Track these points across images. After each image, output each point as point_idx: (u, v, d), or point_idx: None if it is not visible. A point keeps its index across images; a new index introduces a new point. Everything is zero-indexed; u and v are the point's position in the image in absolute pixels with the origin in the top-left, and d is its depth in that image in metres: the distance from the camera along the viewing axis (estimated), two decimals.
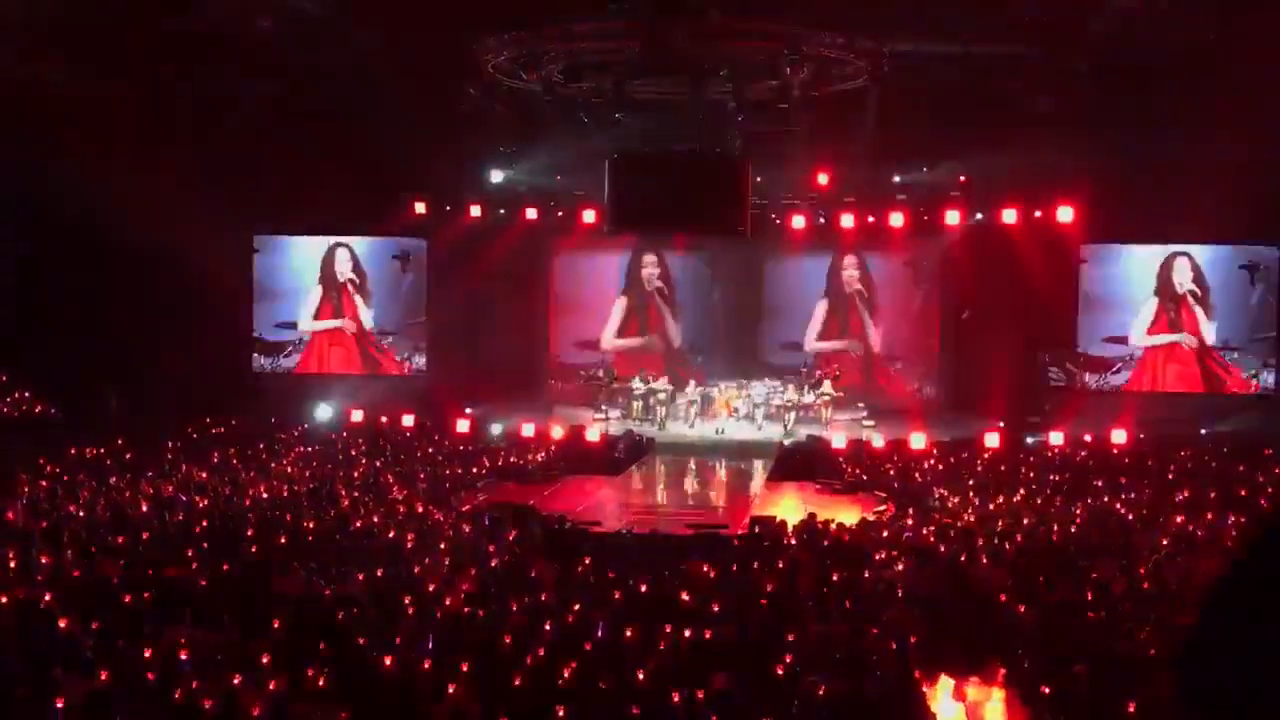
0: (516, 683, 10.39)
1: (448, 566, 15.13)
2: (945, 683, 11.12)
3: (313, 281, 31.68)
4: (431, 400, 29.00)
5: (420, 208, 29.72)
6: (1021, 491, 21.19)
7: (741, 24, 22.02)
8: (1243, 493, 20.53)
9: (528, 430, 27.06)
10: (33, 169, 23.80)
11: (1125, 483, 21.86)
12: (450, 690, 9.97)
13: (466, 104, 24.98)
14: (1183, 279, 29.11)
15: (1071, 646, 11.53)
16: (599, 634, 12.03)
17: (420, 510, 19.32)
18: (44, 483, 19.92)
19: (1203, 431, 26.95)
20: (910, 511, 19.73)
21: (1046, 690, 10.55)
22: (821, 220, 29.25)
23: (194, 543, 15.64)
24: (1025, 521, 18.31)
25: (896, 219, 28.92)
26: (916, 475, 23.23)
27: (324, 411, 29.00)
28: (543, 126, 25.72)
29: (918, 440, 25.77)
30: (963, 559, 15.61)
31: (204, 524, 17.00)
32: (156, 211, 24.62)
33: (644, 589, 14.03)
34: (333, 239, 31.57)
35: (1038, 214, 28.18)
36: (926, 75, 23.61)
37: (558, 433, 27.25)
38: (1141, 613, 12.18)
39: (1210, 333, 29.07)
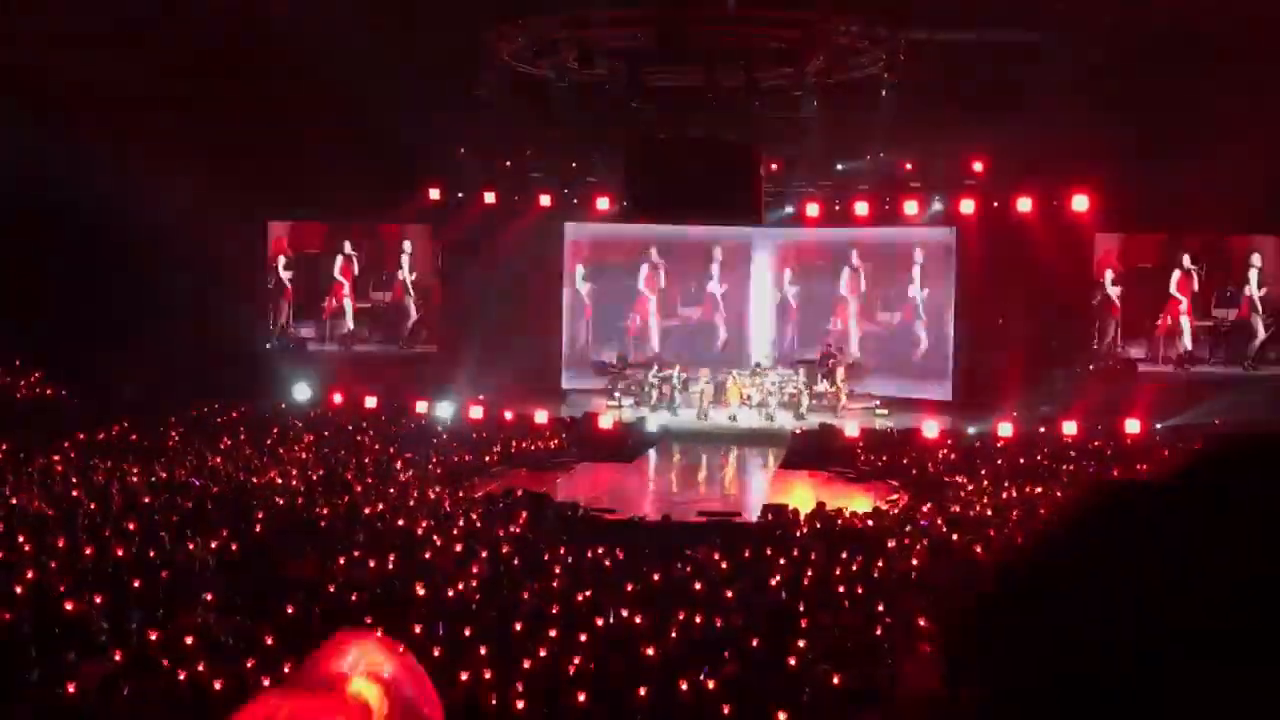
0: (528, 667, 10.39)
1: (459, 552, 15.14)
2: None
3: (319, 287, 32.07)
4: (444, 386, 29.05)
5: (435, 193, 29.77)
6: (1036, 482, 21.12)
7: (757, 11, 21.96)
8: None
9: (540, 417, 27.04)
10: (46, 154, 23.83)
11: (1139, 471, 21.76)
12: (463, 676, 9.97)
13: (481, 90, 24.94)
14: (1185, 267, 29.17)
15: None
16: (610, 620, 12.03)
17: (432, 496, 19.35)
18: (57, 466, 19.99)
19: (1217, 421, 26.80)
20: (923, 501, 19.69)
21: None
22: (836, 208, 29.23)
23: (206, 526, 15.67)
24: (1039, 511, 18.25)
25: (910, 207, 28.88)
26: (930, 464, 23.18)
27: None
28: (557, 113, 25.68)
29: (931, 429, 25.71)
30: (977, 549, 15.57)
31: (215, 508, 17.04)
32: (171, 196, 24.67)
33: (656, 576, 14.02)
34: (341, 236, 31.81)
35: (1054, 202, 28.11)
36: (942, 63, 23.50)
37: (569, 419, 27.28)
38: None
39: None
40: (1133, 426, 26.00)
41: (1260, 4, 21.65)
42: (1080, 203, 27.74)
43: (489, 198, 29.95)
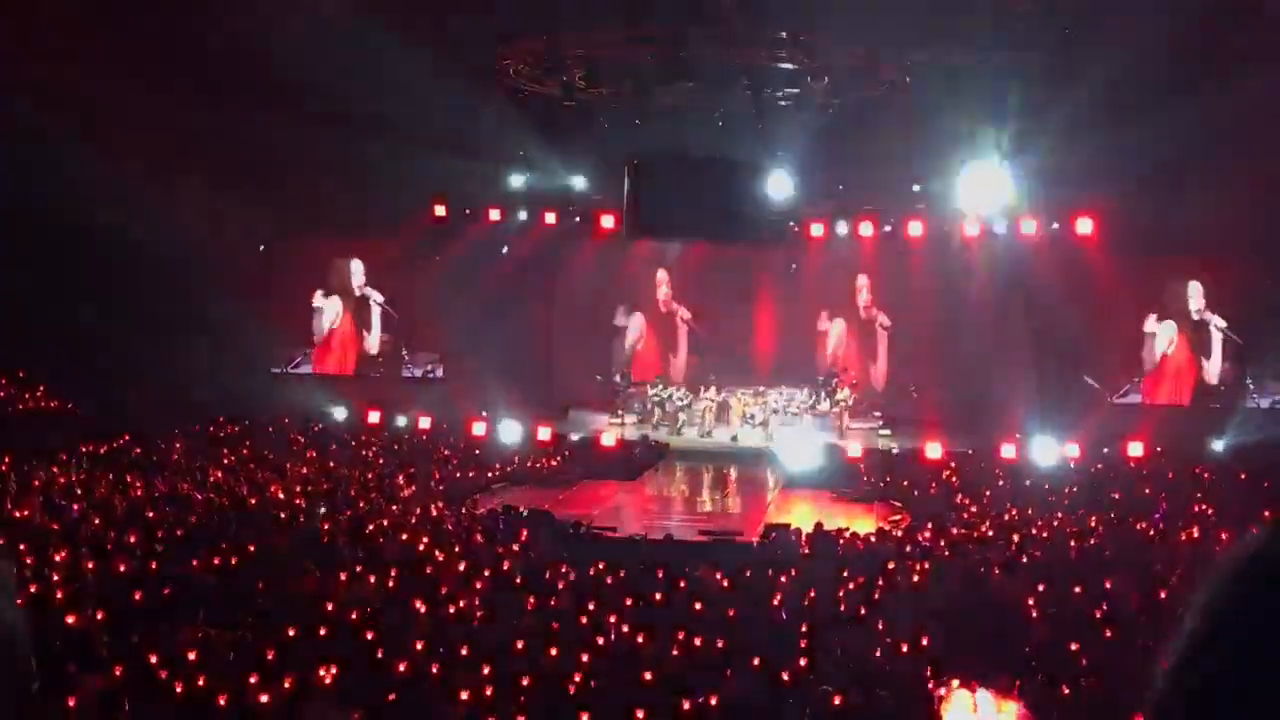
0: (528, 685, 10.37)
1: (461, 569, 15.12)
2: (960, 693, 11.06)
3: (329, 292, 32.14)
4: (447, 403, 29.04)
5: (440, 211, 29.81)
6: (1036, 504, 21.07)
7: (763, 32, 21.99)
8: (1266, 514, 20.35)
9: (543, 434, 27.01)
10: (55, 172, 23.89)
11: (1142, 496, 21.74)
12: (463, 693, 9.95)
13: (487, 108, 24.97)
14: (1197, 305, 29.07)
15: (1085, 660, 11.48)
16: (612, 639, 12.01)
17: (435, 513, 19.33)
18: (61, 479, 19.99)
19: (1217, 446, 26.74)
20: (926, 521, 19.65)
21: (1059, 703, 10.49)
22: (843, 230, 29.23)
23: (208, 541, 15.65)
24: (1041, 534, 18.22)
25: (915, 228, 28.88)
26: (932, 485, 23.13)
27: (340, 412, 29.07)
28: (563, 131, 25.71)
29: (933, 450, 25.67)
30: (979, 570, 15.54)
31: (218, 522, 17.03)
32: (178, 213, 24.73)
33: (657, 595, 14.00)
34: (348, 249, 31.98)
35: (1055, 226, 28.11)
36: (946, 84, 23.52)
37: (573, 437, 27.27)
38: (1156, 627, 12.09)
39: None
40: (1135, 449, 25.96)
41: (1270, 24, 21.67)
42: (1085, 226, 27.74)
43: (494, 215, 29.99)
